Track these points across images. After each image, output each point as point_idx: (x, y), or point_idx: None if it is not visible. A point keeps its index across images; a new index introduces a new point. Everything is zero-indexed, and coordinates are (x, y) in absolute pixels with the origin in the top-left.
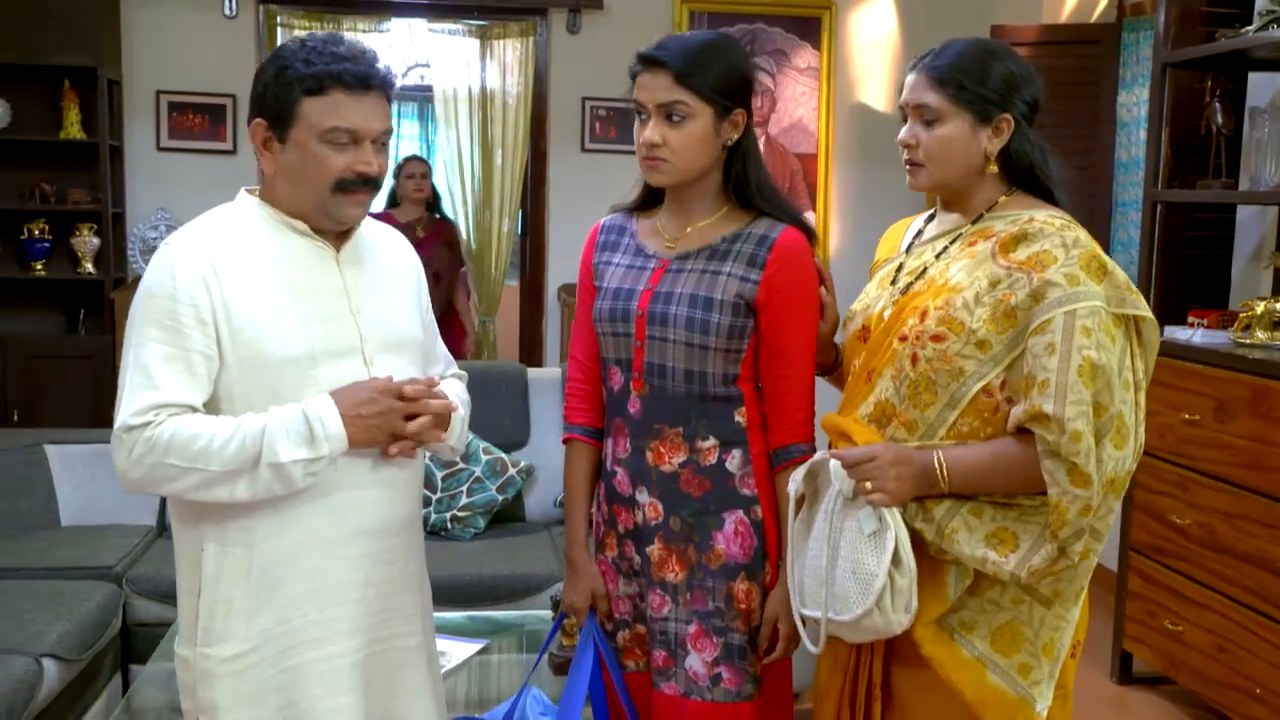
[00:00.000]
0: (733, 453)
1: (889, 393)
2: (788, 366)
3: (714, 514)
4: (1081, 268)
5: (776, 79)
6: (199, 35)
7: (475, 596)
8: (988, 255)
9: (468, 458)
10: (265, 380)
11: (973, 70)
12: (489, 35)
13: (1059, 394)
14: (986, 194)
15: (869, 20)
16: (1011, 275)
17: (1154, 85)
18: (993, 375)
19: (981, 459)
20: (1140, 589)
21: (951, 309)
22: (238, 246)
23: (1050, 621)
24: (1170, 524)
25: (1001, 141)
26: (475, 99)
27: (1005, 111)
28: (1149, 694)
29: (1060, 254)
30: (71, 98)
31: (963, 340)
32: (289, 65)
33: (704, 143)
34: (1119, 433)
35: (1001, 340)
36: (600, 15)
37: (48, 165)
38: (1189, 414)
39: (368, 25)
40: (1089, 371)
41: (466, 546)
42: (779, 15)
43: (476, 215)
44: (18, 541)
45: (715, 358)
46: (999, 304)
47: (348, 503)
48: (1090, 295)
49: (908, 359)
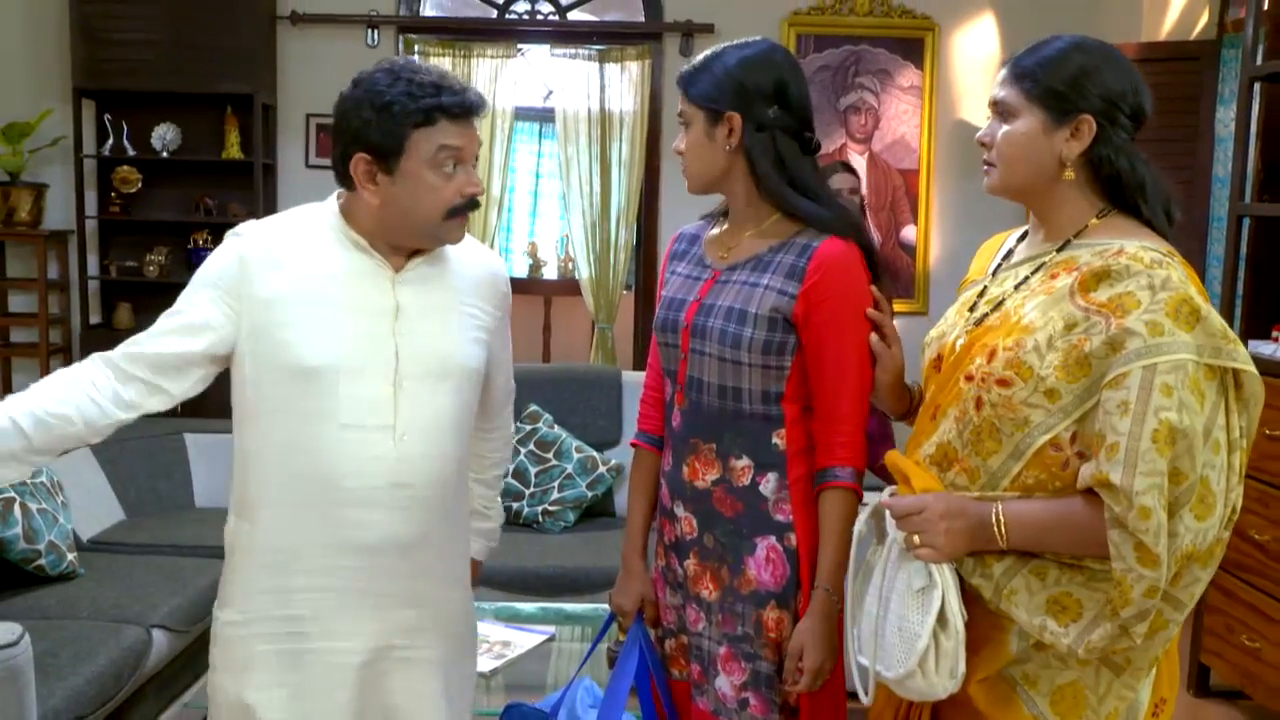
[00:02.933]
0: (768, 476)
1: (951, 435)
2: (829, 384)
3: (745, 537)
4: (1168, 315)
5: (880, 97)
6: (345, 63)
7: (559, 588)
8: (1065, 294)
9: (560, 455)
10: (286, 385)
11: (1051, 64)
12: (607, 59)
13: (1128, 462)
14: (1073, 210)
15: (971, 40)
16: (1089, 319)
17: (1241, 99)
18: (1061, 428)
19: (1044, 517)
20: (1219, 603)
21: (1021, 351)
22: (298, 250)
23: (1117, 690)
24: (1250, 540)
25: (1081, 145)
26: (594, 118)
27: (1084, 111)
28: (1225, 707)
29: (1145, 297)
30: (232, 121)
31: (1030, 388)
32: (394, 101)
33: (701, 149)
34: (1202, 502)
35: (1072, 390)
36: (711, 39)
37: (211, 182)
38: (1271, 429)
39: (496, 52)
40: (1166, 436)
41: (555, 539)
42: (883, 37)
43: (596, 227)
44: (154, 520)
45: (751, 374)
46: (1072, 350)
47: (347, 518)
48: (1175, 347)
49: (972, 402)
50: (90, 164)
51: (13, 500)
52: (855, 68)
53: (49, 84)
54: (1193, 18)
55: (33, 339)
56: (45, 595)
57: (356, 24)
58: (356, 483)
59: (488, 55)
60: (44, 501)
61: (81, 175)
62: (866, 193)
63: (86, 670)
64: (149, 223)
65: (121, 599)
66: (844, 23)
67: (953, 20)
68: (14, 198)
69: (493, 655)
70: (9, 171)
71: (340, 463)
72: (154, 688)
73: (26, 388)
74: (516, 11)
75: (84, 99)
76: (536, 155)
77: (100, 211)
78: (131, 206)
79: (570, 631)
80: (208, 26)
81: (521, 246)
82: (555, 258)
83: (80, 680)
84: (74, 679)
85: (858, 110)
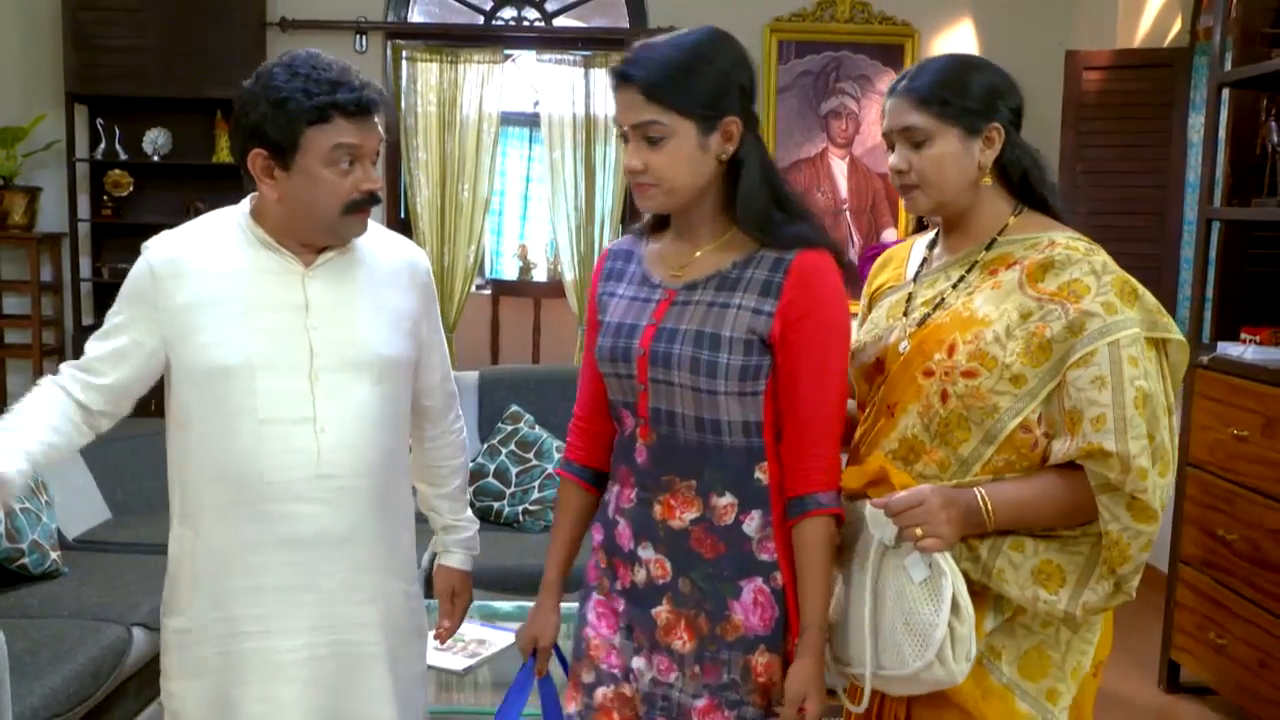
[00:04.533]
0: (752, 514)
1: (916, 429)
2: (807, 405)
3: (728, 581)
4: (1117, 295)
5: (861, 103)
6: None
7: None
8: (1015, 286)
9: (541, 455)
10: (206, 387)
11: (954, 84)
12: (592, 64)
13: (1119, 430)
14: (991, 212)
15: (949, 47)
16: (1044, 306)
17: (1209, 105)
18: (1029, 410)
19: (1025, 495)
20: (1188, 600)
21: (982, 343)
22: (204, 254)
23: (1077, 645)
24: (1218, 538)
25: (994, 152)
26: (579, 123)
27: (992, 121)
28: (1195, 704)
29: (1093, 282)
30: (223, 126)
31: (996, 376)
32: (289, 97)
33: (693, 161)
34: (1163, 459)
35: (1037, 374)
36: None
37: (201, 186)
38: (1238, 430)
39: (483, 58)
40: (1142, 401)
41: (535, 539)
42: (863, 43)
43: (581, 231)
44: (140, 519)
45: (728, 403)
46: (1032, 337)
47: (280, 512)
48: (1129, 323)
49: (937, 396)
50: (83, 168)
51: None
52: (836, 73)
53: (42, 89)
54: (1166, 25)
55: (26, 340)
56: (28, 594)
57: (345, 30)
58: (280, 476)
59: (475, 61)
60: (27, 501)
61: (74, 179)
62: (848, 196)
63: (65, 669)
64: (141, 225)
65: (104, 597)
66: (825, 29)
67: (932, 27)
68: (8, 201)
69: (467, 654)
70: (3, 175)
71: (263, 457)
72: (135, 686)
73: (21, 390)
74: (503, 18)
75: (77, 104)
76: (527, 160)
77: (93, 214)
78: (123, 210)
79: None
80: (198, 32)
81: (512, 249)
82: (545, 260)
83: (58, 679)
84: (52, 678)
85: (839, 115)
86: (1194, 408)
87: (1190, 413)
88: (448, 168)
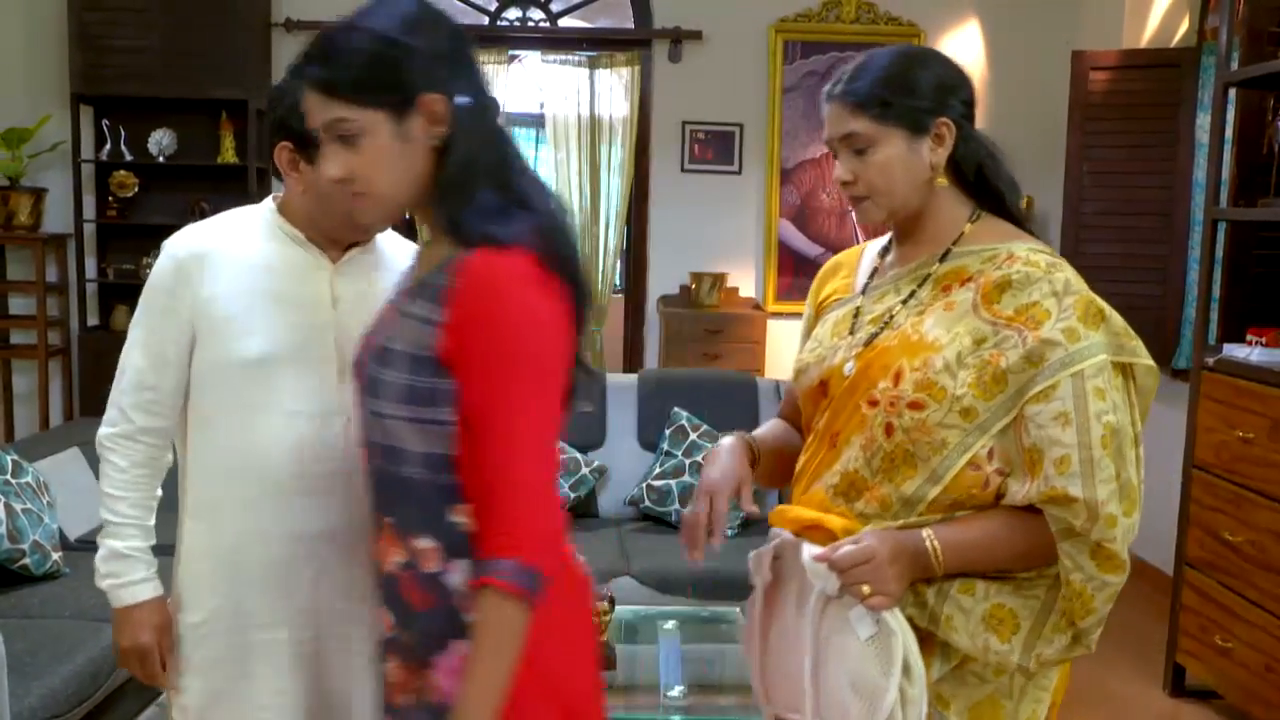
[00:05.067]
0: (456, 564)
1: (858, 463)
2: (483, 448)
3: (436, 638)
4: (1079, 319)
5: None
6: None
7: None
8: (969, 308)
9: None
10: (233, 380)
11: (894, 82)
12: (598, 65)
13: (1085, 473)
14: (947, 217)
15: (955, 46)
16: (999, 332)
17: (1216, 104)
18: (978, 446)
19: (977, 538)
20: (1194, 604)
21: (930, 371)
22: (232, 247)
23: (1032, 693)
24: (1224, 541)
25: (946, 149)
26: (584, 123)
27: (941, 116)
28: (1200, 707)
29: (1053, 306)
30: (227, 127)
31: (945, 408)
32: None
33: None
34: (1128, 498)
35: (989, 407)
36: (699, 45)
37: (206, 186)
38: (1244, 432)
39: (489, 58)
40: (1110, 440)
41: None
42: (869, 44)
43: (585, 231)
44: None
45: (400, 429)
46: (986, 366)
47: (300, 505)
48: (1094, 349)
49: (881, 428)
50: (88, 168)
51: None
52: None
53: (48, 90)
54: (1173, 25)
55: (31, 340)
56: (29, 595)
57: None
58: (303, 469)
59: (480, 61)
60: (29, 502)
61: (80, 180)
62: None
63: (64, 669)
64: (146, 226)
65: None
66: (831, 30)
67: (938, 27)
68: (13, 202)
69: None
70: (9, 176)
71: (286, 450)
72: (134, 687)
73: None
74: (508, 18)
75: (82, 105)
76: (534, 160)
77: (98, 215)
78: (129, 210)
79: None
80: (203, 34)
81: None
82: None
83: (57, 680)
84: (51, 678)
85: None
86: (1200, 409)
87: (1196, 414)
88: None
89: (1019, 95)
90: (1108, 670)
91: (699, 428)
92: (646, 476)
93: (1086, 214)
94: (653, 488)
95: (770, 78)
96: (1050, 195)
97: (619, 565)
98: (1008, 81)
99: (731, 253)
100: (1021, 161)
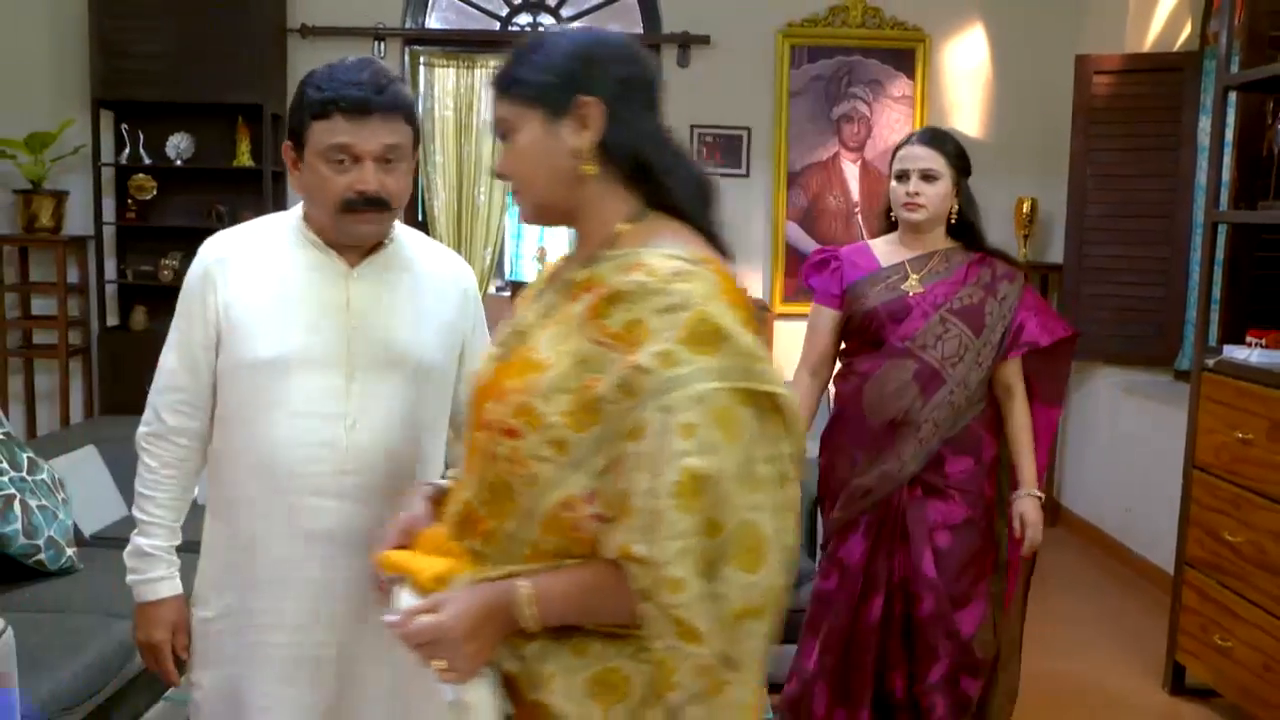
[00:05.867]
0: None
1: (472, 492)
2: None
3: None
4: (684, 340)
5: (873, 107)
6: None
7: None
8: (580, 323)
9: None
10: (248, 381)
11: (530, 60)
12: None
13: (649, 528)
14: (603, 217)
15: (961, 51)
16: (605, 353)
17: (1216, 107)
18: (575, 486)
19: (574, 591)
20: (1194, 603)
21: (530, 395)
22: (255, 252)
23: None
24: (1223, 541)
25: (592, 133)
26: None
27: (582, 94)
28: (1200, 706)
29: (659, 323)
30: (243, 131)
31: (538, 438)
32: (304, 92)
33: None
34: (751, 551)
35: (584, 441)
36: (707, 50)
37: (222, 189)
38: (1243, 433)
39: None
40: (690, 489)
41: None
42: (875, 48)
43: None
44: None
45: None
46: (584, 392)
47: (303, 505)
48: (693, 378)
49: (490, 455)
50: (108, 172)
51: (13, 497)
52: (848, 78)
53: (70, 95)
54: (1176, 29)
55: (53, 340)
56: (44, 590)
57: (364, 36)
58: (307, 469)
59: (491, 66)
60: (44, 498)
61: (100, 183)
62: (860, 200)
63: (75, 663)
64: (164, 228)
65: (117, 593)
66: (837, 34)
67: (943, 31)
68: (36, 204)
69: None
70: (31, 179)
71: (293, 450)
72: (144, 680)
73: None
74: (519, 24)
75: (103, 109)
76: None
77: (118, 218)
78: (147, 213)
79: None
80: (221, 39)
81: (531, 251)
82: None
83: (67, 674)
84: (61, 672)
85: (850, 120)
86: (1200, 411)
87: (1196, 416)
88: (464, 172)
89: (1023, 99)
90: (1107, 669)
91: None
92: None
93: (1090, 216)
94: None
95: (777, 82)
96: (1054, 198)
97: None
98: (1012, 85)
99: (739, 255)
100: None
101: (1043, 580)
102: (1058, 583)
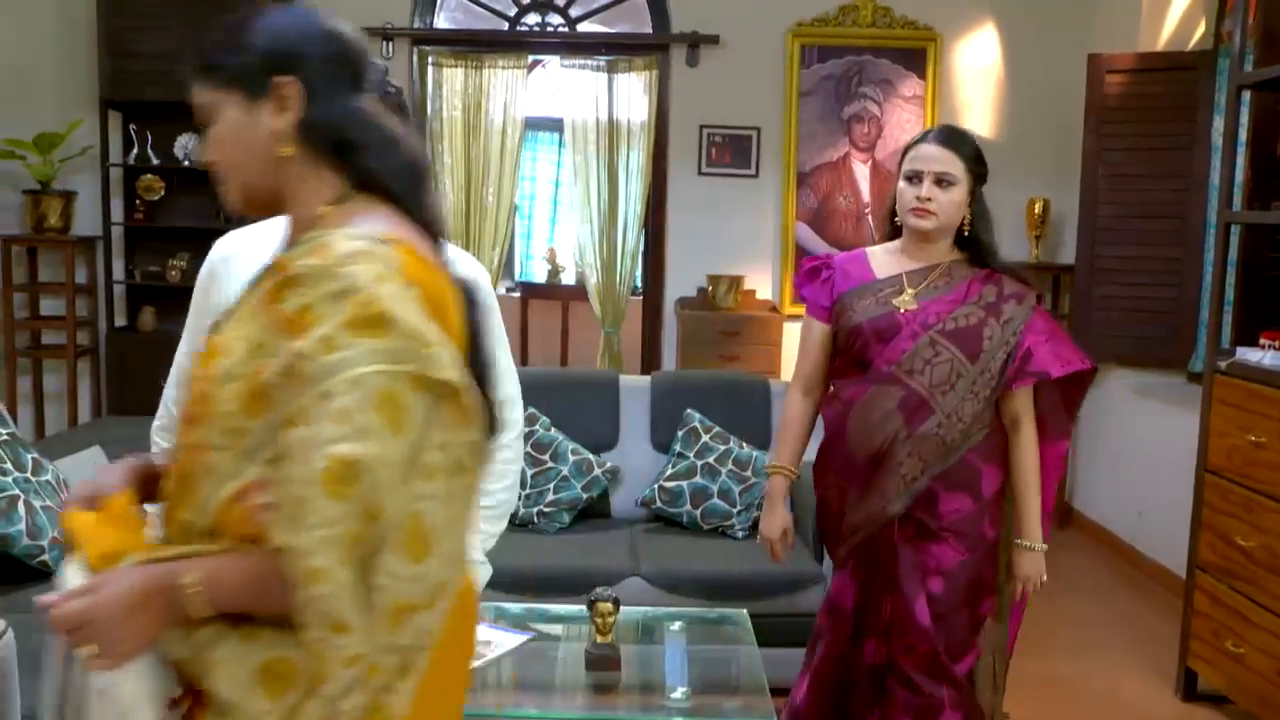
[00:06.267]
0: None
1: (172, 482)
2: None
3: None
4: (348, 324)
5: (883, 106)
6: None
7: (552, 588)
8: (259, 307)
9: (556, 457)
10: None
11: (226, 41)
12: (616, 69)
13: (294, 519)
14: (306, 201)
15: (972, 50)
16: (275, 338)
17: (1229, 107)
18: (249, 474)
19: (241, 580)
20: (1206, 608)
21: (209, 382)
22: (256, 249)
23: None
24: (1235, 545)
25: (292, 113)
26: (603, 127)
27: (279, 74)
28: (1211, 712)
29: (326, 308)
30: None
31: (215, 426)
32: None
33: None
34: (417, 540)
35: (256, 429)
36: (717, 50)
37: None
38: (1256, 436)
39: (508, 64)
40: (339, 475)
41: (549, 540)
42: (886, 47)
43: (604, 234)
44: None
45: None
46: (254, 378)
47: None
48: (352, 361)
49: (180, 444)
50: (116, 172)
51: (17, 498)
52: (859, 78)
53: (78, 96)
54: (1189, 28)
55: (61, 340)
56: (48, 591)
57: (372, 37)
58: None
59: (499, 66)
60: (49, 499)
61: (108, 183)
62: (870, 200)
63: None
64: (171, 229)
65: None
66: (847, 34)
67: (954, 31)
68: (44, 205)
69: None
70: (40, 180)
71: None
72: None
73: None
74: (527, 24)
75: (111, 110)
76: (556, 164)
77: (126, 218)
78: (155, 213)
79: (561, 629)
80: None
81: (541, 252)
82: (574, 264)
83: None
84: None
85: (861, 119)
86: (1212, 413)
87: (1208, 418)
88: (473, 172)
89: (1035, 98)
90: (1119, 674)
91: (711, 429)
92: (659, 478)
93: (1103, 217)
94: (665, 489)
95: (787, 81)
96: (1067, 198)
97: (629, 566)
98: (1024, 84)
99: (748, 255)
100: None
101: (1053, 583)
102: (1068, 586)
